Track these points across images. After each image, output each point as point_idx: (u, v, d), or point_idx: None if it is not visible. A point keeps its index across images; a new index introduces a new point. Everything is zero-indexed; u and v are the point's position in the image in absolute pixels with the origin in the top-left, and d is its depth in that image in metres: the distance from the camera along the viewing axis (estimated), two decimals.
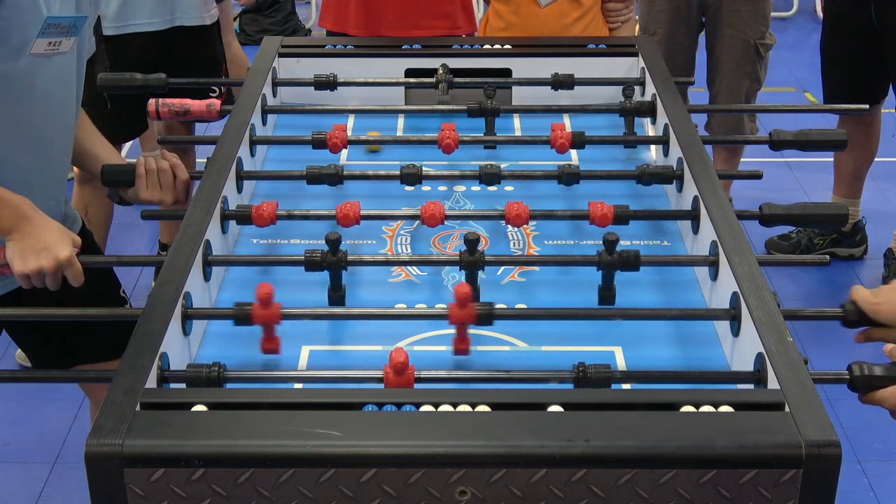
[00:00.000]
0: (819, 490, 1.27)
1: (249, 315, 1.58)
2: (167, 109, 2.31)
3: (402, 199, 2.11)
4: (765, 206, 1.91)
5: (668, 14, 3.70)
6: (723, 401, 1.35)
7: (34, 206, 1.78)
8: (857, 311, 1.56)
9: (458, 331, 1.60)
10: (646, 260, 1.85)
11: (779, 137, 2.20)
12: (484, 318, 1.59)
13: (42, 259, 1.71)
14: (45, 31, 1.81)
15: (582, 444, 1.27)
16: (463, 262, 1.71)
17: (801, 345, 2.91)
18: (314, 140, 2.16)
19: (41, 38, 1.81)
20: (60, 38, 1.84)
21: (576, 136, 2.16)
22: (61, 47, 1.86)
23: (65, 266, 1.72)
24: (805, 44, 6.25)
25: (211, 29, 3.41)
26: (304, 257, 1.72)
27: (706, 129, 3.93)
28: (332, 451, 1.28)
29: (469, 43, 2.75)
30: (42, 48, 1.82)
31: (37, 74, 1.85)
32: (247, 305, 1.59)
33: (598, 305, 1.74)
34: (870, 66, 3.69)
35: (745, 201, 2.03)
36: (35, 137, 1.90)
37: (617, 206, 1.88)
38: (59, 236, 1.75)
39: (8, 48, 1.78)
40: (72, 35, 1.87)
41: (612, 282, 1.73)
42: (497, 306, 1.61)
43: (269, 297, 1.58)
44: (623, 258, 1.71)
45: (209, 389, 1.47)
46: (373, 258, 1.82)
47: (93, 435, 1.28)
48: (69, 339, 2.11)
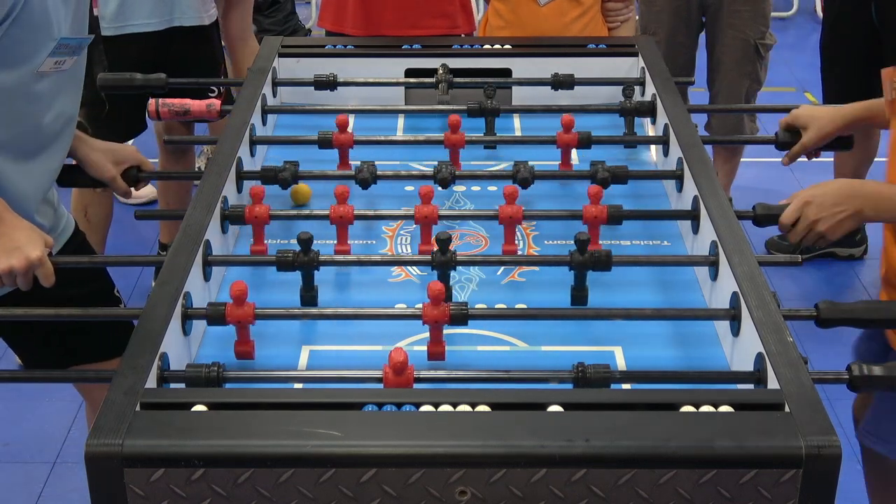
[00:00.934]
0: (819, 490, 1.27)
1: (223, 314, 1.59)
2: (167, 109, 2.31)
3: (403, 199, 2.10)
4: (758, 206, 1.91)
5: (668, 14, 3.70)
6: (723, 401, 1.35)
7: (7, 207, 1.79)
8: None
9: (432, 333, 1.60)
10: (646, 260, 1.86)
11: (784, 138, 2.21)
12: (458, 318, 1.59)
13: (13, 259, 1.72)
14: (56, 52, 1.85)
15: (582, 444, 1.27)
16: (435, 263, 1.71)
17: (801, 345, 2.91)
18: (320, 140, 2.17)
19: (50, 58, 1.85)
20: (66, 57, 1.89)
21: (582, 137, 2.16)
22: (64, 66, 1.90)
23: (36, 266, 1.73)
24: (805, 44, 6.24)
25: (210, 29, 3.41)
26: (276, 257, 1.73)
27: (706, 129, 3.93)
28: (332, 451, 1.28)
29: (469, 43, 2.76)
30: (49, 67, 1.86)
31: (37, 89, 1.88)
32: (220, 305, 1.59)
33: (570, 306, 1.74)
34: (870, 66, 3.68)
35: (745, 201, 2.03)
36: (31, 148, 1.92)
37: (610, 206, 1.87)
38: (31, 236, 1.76)
39: (18, 66, 1.82)
40: (75, 55, 1.91)
41: (584, 282, 1.73)
42: (477, 306, 1.61)
43: (242, 296, 1.58)
44: (595, 258, 1.70)
45: (209, 389, 1.47)
46: (344, 258, 1.83)
47: (93, 435, 1.28)
48: (67, 339, 2.11)
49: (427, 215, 1.86)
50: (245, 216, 1.87)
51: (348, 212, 1.86)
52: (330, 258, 1.77)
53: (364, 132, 2.37)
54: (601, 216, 1.87)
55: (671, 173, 2.06)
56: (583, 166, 2.19)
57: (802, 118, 2.20)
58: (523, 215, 1.87)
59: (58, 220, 2.10)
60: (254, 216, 1.87)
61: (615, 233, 1.97)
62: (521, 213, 1.87)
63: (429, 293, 1.57)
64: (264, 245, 1.89)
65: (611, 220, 1.87)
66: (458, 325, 1.60)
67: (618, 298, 1.79)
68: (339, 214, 1.86)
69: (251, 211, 1.87)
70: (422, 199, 1.87)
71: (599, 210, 1.86)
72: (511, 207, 1.86)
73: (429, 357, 1.60)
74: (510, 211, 1.86)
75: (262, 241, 1.89)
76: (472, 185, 2.16)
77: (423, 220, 1.87)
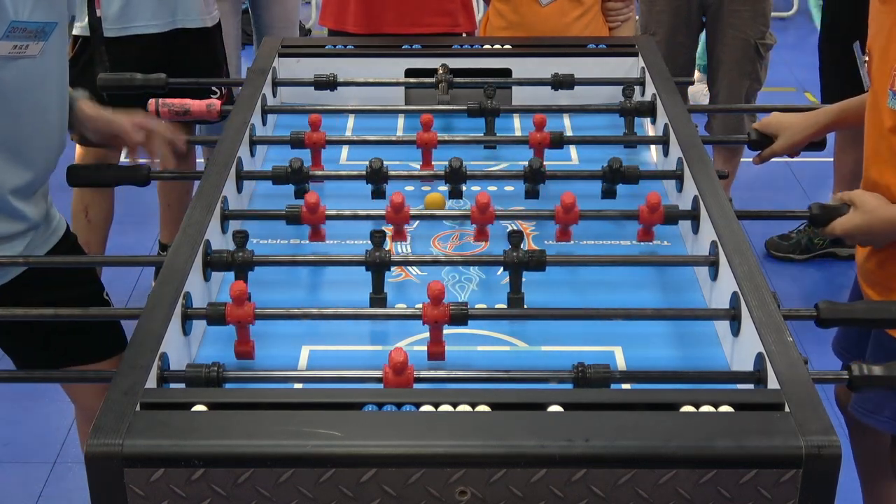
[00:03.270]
0: (819, 490, 1.27)
1: (223, 314, 1.59)
2: (167, 109, 2.31)
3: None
4: (814, 206, 1.98)
5: (669, 14, 3.70)
6: (723, 401, 1.35)
7: None
8: None
9: (432, 333, 1.60)
10: (646, 260, 1.86)
11: (756, 136, 2.21)
12: (458, 318, 1.59)
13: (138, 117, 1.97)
14: (10, 35, 1.82)
15: (582, 444, 1.27)
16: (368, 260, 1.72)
17: (801, 345, 2.91)
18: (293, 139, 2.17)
19: (5, 41, 1.83)
20: (27, 41, 1.86)
21: (554, 137, 2.16)
22: (28, 51, 1.88)
23: None
24: (805, 44, 6.24)
25: (212, 31, 3.41)
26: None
27: (706, 129, 3.93)
28: (332, 451, 1.28)
29: (469, 42, 2.76)
30: (6, 50, 1.84)
31: (1, 76, 1.85)
32: (220, 305, 1.59)
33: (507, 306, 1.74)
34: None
35: (746, 201, 2.03)
36: (10, 140, 1.91)
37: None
38: None
39: None
40: (40, 40, 1.89)
41: (520, 285, 1.73)
42: (477, 306, 1.61)
43: (242, 296, 1.58)
44: (532, 257, 1.70)
45: (209, 389, 1.47)
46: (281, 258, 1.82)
47: (93, 435, 1.28)
48: (58, 340, 2.11)
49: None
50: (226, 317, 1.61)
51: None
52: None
53: (364, 132, 2.37)
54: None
55: (671, 173, 2.06)
56: (583, 166, 2.19)
57: (773, 126, 2.22)
58: (495, 216, 1.86)
59: (49, 219, 2.10)
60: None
61: (615, 233, 1.98)
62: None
63: (428, 293, 1.57)
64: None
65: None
66: (457, 325, 1.60)
67: (618, 298, 1.79)
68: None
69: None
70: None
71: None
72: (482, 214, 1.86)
73: (429, 357, 1.60)
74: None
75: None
76: (472, 185, 2.16)
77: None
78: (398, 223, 1.87)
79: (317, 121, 2.18)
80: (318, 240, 1.89)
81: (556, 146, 2.16)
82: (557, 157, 2.22)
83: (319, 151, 2.16)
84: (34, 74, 1.92)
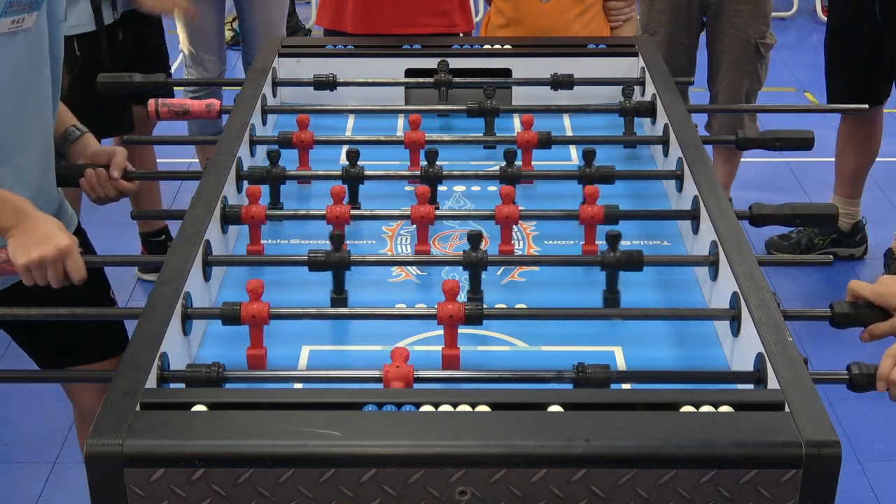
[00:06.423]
0: (819, 490, 1.27)
1: (238, 314, 1.59)
2: (167, 109, 2.31)
3: (403, 198, 2.10)
4: (754, 206, 1.91)
5: (669, 14, 3.69)
6: (723, 401, 1.35)
7: (31, 203, 1.79)
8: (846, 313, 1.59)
9: (447, 334, 1.59)
10: (646, 260, 1.85)
11: (744, 136, 2.20)
12: (473, 317, 1.59)
13: (42, 247, 1.71)
14: (9, 10, 1.78)
15: (582, 444, 1.27)
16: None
17: (801, 345, 2.91)
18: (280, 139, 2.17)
19: (4, 18, 1.79)
20: (23, 14, 1.82)
21: (541, 136, 2.15)
22: (24, 23, 1.83)
23: (66, 254, 1.72)
24: (805, 44, 6.24)
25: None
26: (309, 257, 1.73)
27: (706, 129, 3.93)
28: (332, 451, 1.28)
29: (469, 42, 2.75)
30: (6, 27, 1.80)
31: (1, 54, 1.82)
32: (236, 305, 1.59)
33: (602, 306, 1.74)
34: (874, 67, 3.69)
35: (746, 201, 2.03)
36: (9, 119, 1.87)
37: (607, 207, 1.87)
38: (60, 226, 1.76)
39: None
40: (34, 10, 1.84)
41: (616, 283, 1.73)
42: (497, 306, 1.61)
43: (258, 292, 1.58)
44: (629, 257, 1.70)
45: (209, 389, 1.47)
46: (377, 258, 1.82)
47: (93, 435, 1.28)
48: (63, 339, 2.11)
49: (423, 215, 1.86)
50: (242, 216, 1.87)
51: (345, 212, 1.86)
52: (361, 258, 1.77)
53: (364, 132, 2.37)
54: (598, 216, 1.86)
55: (671, 173, 2.06)
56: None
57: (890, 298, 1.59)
58: (520, 215, 1.87)
59: (61, 214, 2.08)
60: (250, 216, 1.87)
61: None
62: (517, 212, 1.86)
63: (444, 290, 1.57)
64: (260, 245, 1.90)
65: (607, 220, 1.86)
66: (473, 325, 1.60)
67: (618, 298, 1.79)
68: (336, 214, 1.86)
69: (248, 211, 1.87)
70: (418, 199, 1.87)
71: (596, 210, 1.86)
72: (508, 207, 1.86)
73: (443, 362, 1.60)
74: (507, 211, 1.86)
75: (259, 241, 1.90)
76: (472, 184, 2.16)
77: (420, 221, 1.87)
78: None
79: (305, 120, 2.19)
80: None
81: (544, 146, 2.16)
82: (557, 158, 2.21)
83: (307, 151, 2.16)
84: (31, 49, 1.87)
